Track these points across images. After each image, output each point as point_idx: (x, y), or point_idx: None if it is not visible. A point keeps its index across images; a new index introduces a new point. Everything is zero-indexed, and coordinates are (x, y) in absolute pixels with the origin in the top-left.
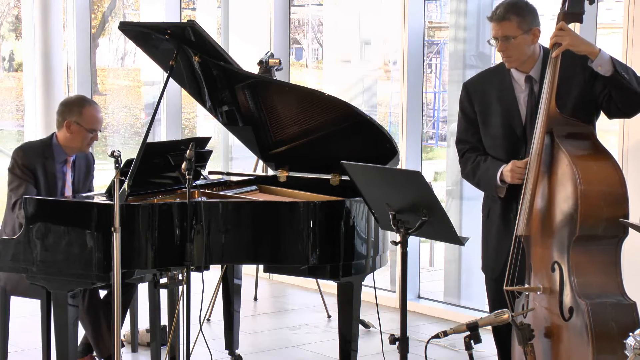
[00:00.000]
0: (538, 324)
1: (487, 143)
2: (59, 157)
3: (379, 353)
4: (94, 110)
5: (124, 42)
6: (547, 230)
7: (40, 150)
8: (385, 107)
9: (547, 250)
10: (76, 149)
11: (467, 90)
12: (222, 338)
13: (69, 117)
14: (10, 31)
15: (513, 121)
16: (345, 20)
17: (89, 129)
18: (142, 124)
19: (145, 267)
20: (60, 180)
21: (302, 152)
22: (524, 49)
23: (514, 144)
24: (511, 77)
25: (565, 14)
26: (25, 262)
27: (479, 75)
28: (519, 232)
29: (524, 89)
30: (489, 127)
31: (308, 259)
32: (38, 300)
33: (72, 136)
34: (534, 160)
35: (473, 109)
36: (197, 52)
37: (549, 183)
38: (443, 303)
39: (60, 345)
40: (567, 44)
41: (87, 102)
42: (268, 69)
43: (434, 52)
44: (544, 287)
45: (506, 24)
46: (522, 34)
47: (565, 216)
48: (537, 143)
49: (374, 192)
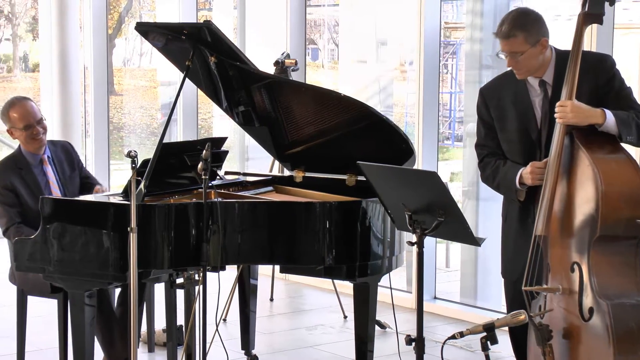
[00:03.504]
0: (556, 325)
1: (505, 148)
2: (33, 161)
3: (395, 354)
4: (18, 109)
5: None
6: (567, 230)
7: (12, 164)
8: (401, 107)
9: (566, 251)
10: (33, 149)
11: (483, 96)
12: (238, 338)
13: (6, 126)
14: (28, 32)
15: (529, 125)
16: (361, 21)
17: (22, 127)
18: (158, 124)
19: (161, 267)
20: (43, 182)
21: (318, 152)
22: (533, 61)
23: (530, 148)
24: (526, 81)
25: (585, 15)
26: (42, 262)
27: (494, 80)
28: (538, 232)
29: (538, 92)
30: (506, 132)
31: (324, 259)
32: (55, 300)
33: (20, 140)
34: (554, 160)
35: (490, 115)
36: (213, 52)
37: (568, 184)
38: (459, 304)
39: (77, 344)
40: (571, 120)
41: (10, 105)
42: (284, 70)
43: (450, 52)
44: (563, 288)
45: (512, 40)
46: (530, 48)
47: (585, 217)
48: (556, 143)
49: (390, 192)
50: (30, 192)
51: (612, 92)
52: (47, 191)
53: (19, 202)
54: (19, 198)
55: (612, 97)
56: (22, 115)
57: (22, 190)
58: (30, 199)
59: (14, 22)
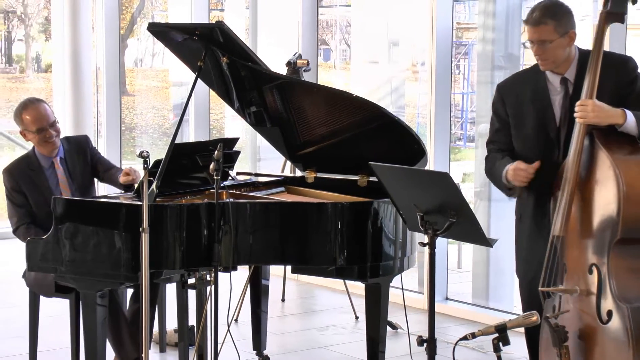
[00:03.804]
0: (571, 326)
1: (519, 146)
2: (45, 163)
3: (407, 354)
4: (31, 111)
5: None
6: (585, 232)
7: (24, 166)
8: (413, 108)
9: (584, 252)
10: (47, 152)
11: (500, 93)
12: (250, 339)
13: (20, 128)
14: (40, 32)
15: (547, 124)
16: (373, 21)
17: (35, 130)
18: (170, 124)
19: (173, 268)
20: (54, 183)
21: (330, 153)
22: (560, 52)
23: (547, 147)
24: (546, 78)
25: (607, 14)
26: (54, 262)
27: (512, 77)
28: (556, 232)
29: (559, 90)
30: (522, 129)
31: (336, 260)
32: (67, 300)
33: (33, 142)
34: (573, 160)
35: (506, 111)
36: (225, 52)
37: (587, 184)
38: (471, 305)
39: (89, 344)
40: (592, 120)
41: (23, 107)
42: (296, 70)
43: (462, 53)
44: (580, 289)
45: (542, 28)
46: (559, 38)
47: (606, 219)
48: (576, 143)
49: (402, 193)
50: (39, 194)
51: (634, 93)
52: (57, 193)
53: (28, 203)
54: (27, 199)
55: (633, 99)
56: (35, 118)
57: (31, 192)
58: (38, 201)
59: (26, 23)
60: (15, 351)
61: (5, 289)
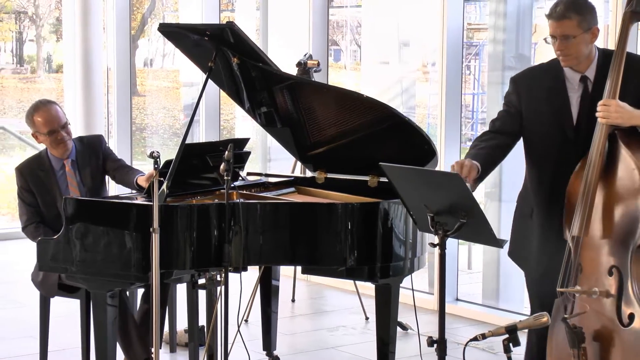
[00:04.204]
0: (587, 327)
1: (534, 143)
2: (56, 165)
3: (417, 355)
4: (43, 114)
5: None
6: (605, 233)
7: (35, 166)
8: (424, 108)
9: (603, 254)
10: (59, 153)
11: (516, 84)
12: (260, 339)
13: (31, 130)
14: (51, 33)
15: (564, 122)
16: (383, 22)
17: (46, 132)
18: (181, 125)
19: (183, 268)
20: (63, 185)
21: (340, 153)
22: (583, 48)
23: (563, 146)
24: (564, 76)
25: (632, 13)
26: (64, 262)
27: (528, 71)
28: (574, 233)
29: (577, 88)
30: (537, 126)
31: (346, 260)
32: (77, 300)
33: (45, 144)
34: (595, 161)
35: (520, 103)
36: (235, 53)
37: (608, 185)
38: (481, 305)
39: (99, 344)
40: (615, 121)
41: (34, 109)
42: (306, 71)
43: (473, 53)
44: (599, 291)
45: (566, 22)
46: (582, 33)
47: (629, 220)
48: (597, 143)
49: (412, 193)
50: (48, 195)
51: None
52: (67, 195)
53: (37, 202)
54: (36, 199)
55: None
56: (47, 120)
57: (40, 192)
58: (46, 202)
59: (37, 23)
60: (26, 351)
61: (16, 289)
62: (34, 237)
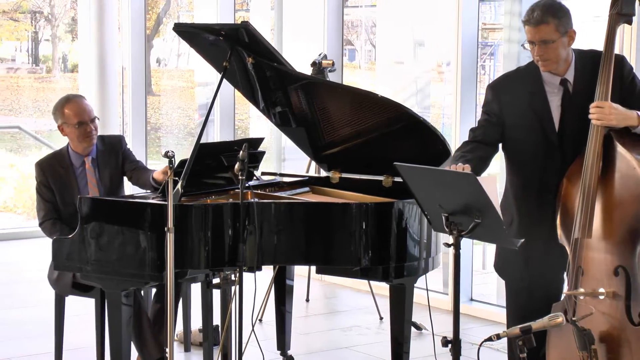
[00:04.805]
0: (593, 329)
1: (517, 148)
2: (76, 162)
3: (431, 355)
4: (73, 105)
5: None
6: (609, 234)
7: (55, 162)
8: (438, 108)
9: (607, 254)
10: (82, 147)
11: (495, 91)
12: (274, 339)
13: (58, 122)
14: (67, 32)
15: (546, 127)
16: (398, 22)
17: (76, 123)
18: (195, 124)
19: (198, 267)
20: (82, 183)
21: (354, 153)
22: (561, 52)
23: (547, 149)
24: (542, 80)
25: (617, 15)
26: (79, 261)
27: (505, 76)
28: (576, 235)
29: (557, 92)
30: (519, 132)
31: (360, 260)
32: (92, 299)
33: (70, 137)
34: (593, 163)
35: (501, 111)
36: (250, 53)
37: (608, 186)
38: (496, 306)
39: (114, 343)
40: (611, 122)
41: (65, 101)
42: (321, 70)
43: (488, 53)
44: (606, 292)
45: (544, 27)
46: (560, 37)
47: (631, 219)
48: (594, 146)
49: (426, 193)
50: (66, 193)
51: (635, 92)
52: (85, 193)
53: (55, 199)
54: (54, 195)
55: (635, 98)
56: (77, 111)
57: (58, 189)
58: (64, 199)
59: (53, 23)
60: (41, 350)
61: (31, 289)
62: (50, 233)
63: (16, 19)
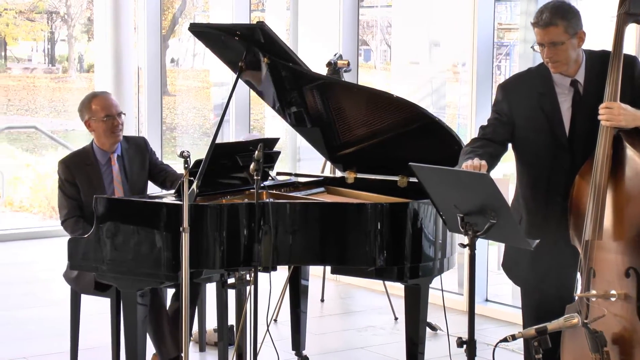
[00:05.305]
0: (606, 331)
1: (526, 149)
2: (102, 159)
3: (446, 356)
4: (101, 100)
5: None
6: (620, 235)
7: (80, 159)
8: (454, 108)
9: (618, 256)
10: (108, 143)
11: (505, 91)
12: (289, 339)
13: (84, 118)
14: (83, 33)
15: (556, 128)
16: (413, 22)
17: (102, 117)
18: (210, 124)
19: (213, 267)
20: (107, 180)
21: (370, 153)
22: (571, 53)
23: (557, 152)
24: (552, 81)
25: (626, 15)
26: (95, 261)
27: (516, 77)
28: (587, 237)
29: (567, 93)
30: (529, 132)
31: (375, 260)
32: (107, 299)
33: (96, 133)
34: (603, 164)
35: (511, 112)
36: (266, 53)
37: (618, 187)
38: (511, 306)
39: (129, 343)
40: (621, 123)
41: (92, 96)
42: (336, 71)
43: (504, 53)
44: (618, 293)
45: (553, 29)
46: (570, 39)
47: None
48: (603, 146)
49: (442, 194)
50: (92, 189)
51: None
52: (110, 190)
53: (79, 196)
54: (79, 193)
55: None
56: (104, 105)
57: (84, 185)
58: (88, 196)
59: (69, 24)
60: (57, 349)
61: (48, 288)
62: (73, 231)
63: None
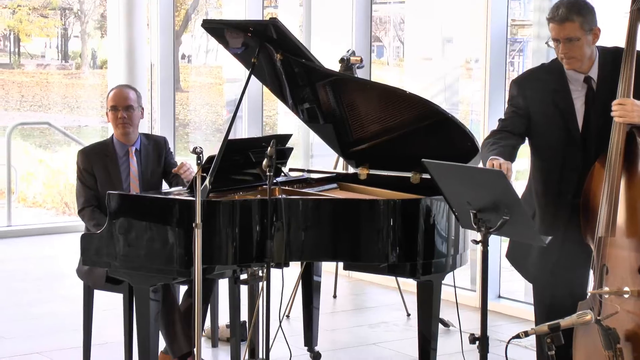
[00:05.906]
0: (619, 328)
1: (540, 144)
2: (120, 151)
3: (459, 352)
4: (114, 91)
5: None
6: (633, 232)
7: (99, 150)
8: (467, 105)
9: (631, 253)
10: (117, 134)
11: (520, 87)
12: (301, 335)
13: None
14: (96, 29)
15: (569, 124)
16: (426, 18)
17: (110, 107)
18: (223, 120)
19: (225, 263)
20: (125, 173)
21: (382, 150)
22: (586, 49)
23: (570, 148)
24: (566, 78)
25: (638, 11)
26: (108, 257)
27: (529, 72)
28: (600, 234)
29: (581, 89)
30: (543, 128)
31: (388, 257)
32: (120, 294)
33: (109, 121)
34: (616, 161)
35: (527, 106)
36: (279, 49)
37: (631, 183)
38: (524, 303)
39: (142, 338)
40: (634, 120)
41: (112, 88)
42: (349, 67)
43: (517, 50)
44: (631, 290)
45: (569, 25)
46: (585, 35)
47: None
48: (616, 143)
49: (454, 190)
50: (109, 181)
51: None
52: (127, 183)
53: (97, 186)
54: (96, 183)
55: None
56: (113, 96)
57: (101, 176)
58: (105, 187)
59: (82, 20)
60: (70, 344)
61: (61, 283)
62: (89, 220)
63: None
